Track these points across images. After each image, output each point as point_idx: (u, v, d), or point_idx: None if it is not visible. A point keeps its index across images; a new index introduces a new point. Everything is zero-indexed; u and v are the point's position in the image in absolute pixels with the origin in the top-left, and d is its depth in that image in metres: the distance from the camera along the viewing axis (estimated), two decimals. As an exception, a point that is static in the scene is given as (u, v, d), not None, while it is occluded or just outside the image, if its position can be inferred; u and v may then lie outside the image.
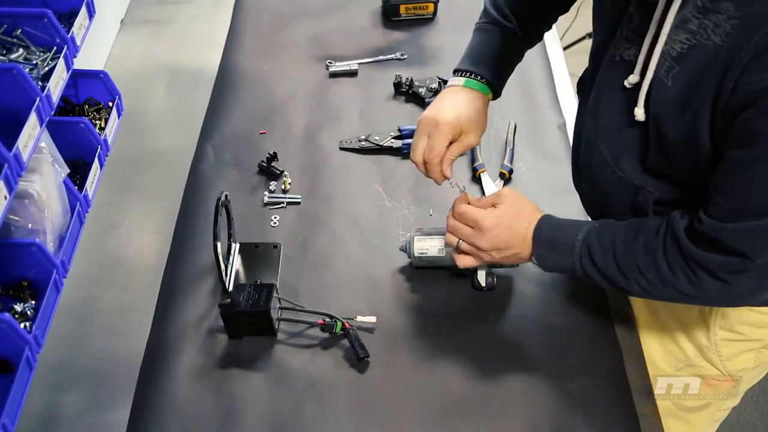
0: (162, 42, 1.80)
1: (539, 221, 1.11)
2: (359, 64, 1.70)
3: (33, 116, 0.97)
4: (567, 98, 1.63)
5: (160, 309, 1.26)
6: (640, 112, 0.98)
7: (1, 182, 0.88)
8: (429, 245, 1.26)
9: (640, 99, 0.97)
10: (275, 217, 1.40)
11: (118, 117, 1.31)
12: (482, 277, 1.24)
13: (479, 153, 1.47)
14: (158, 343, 1.22)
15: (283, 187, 1.44)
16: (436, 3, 1.80)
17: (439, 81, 1.61)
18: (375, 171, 1.48)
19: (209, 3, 1.92)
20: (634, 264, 1.02)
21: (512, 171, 1.45)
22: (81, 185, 1.17)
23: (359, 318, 1.22)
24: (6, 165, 0.90)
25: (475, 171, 1.45)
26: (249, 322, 1.19)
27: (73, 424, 1.14)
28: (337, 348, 1.20)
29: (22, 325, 0.98)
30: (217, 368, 1.18)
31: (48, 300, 1.01)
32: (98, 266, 1.34)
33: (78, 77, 1.29)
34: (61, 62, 1.08)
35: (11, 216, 1.02)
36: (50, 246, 1.05)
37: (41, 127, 1.00)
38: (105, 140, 1.23)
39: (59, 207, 1.09)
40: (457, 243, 1.16)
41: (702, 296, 1.02)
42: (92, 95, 1.31)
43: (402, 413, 1.13)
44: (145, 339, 1.22)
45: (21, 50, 1.09)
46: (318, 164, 1.49)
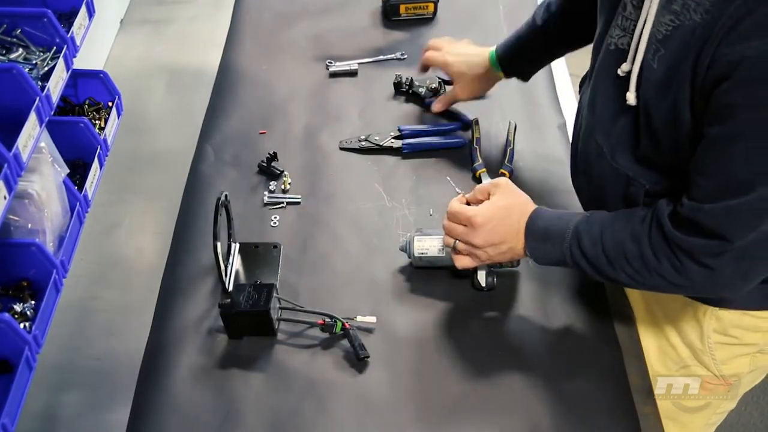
0: (162, 42, 1.80)
1: (531, 214, 1.12)
2: (359, 64, 1.69)
3: (33, 116, 0.97)
4: (567, 98, 1.63)
5: (160, 309, 1.26)
6: (632, 97, 0.98)
7: (1, 182, 0.88)
8: (429, 245, 1.26)
9: (632, 84, 0.98)
10: (275, 217, 1.40)
11: (118, 117, 1.31)
12: (482, 277, 1.24)
13: (479, 153, 1.47)
14: (158, 343, 1.22)
15: (283, 187, 1.44)
16: (436, 3, 1.79)
17: (439, 81, 1.61)
18: (375, 171, 1.48)
19: (209, 3, 1.91)
20: (622, 252, 1.02)
21: (512, 171, 1.45)
22: (81, 185, 1.17)
23: (359, 318, 1.22)
24: (6, 165, 0.90)
25: (475, 171, 1.44)
26: (249, 322, 1.19)
27: (73, 424, 1.14)
28: (337, 348, 1.20)
29: (22, 326, 0.98)
30: (217, 368, 1.18)
31: (48, 300, 1.01)
32: (98, 266, 1.34)
33: (78, 77, 1.29)
34: (61, 62, 1.08)
35: (11, 216, 1.02)
36: (50, 246, 1.05)
37: (41, 127, 1.00)
38: (105, 140, 1.23)
39: (59, 207, 1.09)
40: (454, 243, 1.16)
41: (687, 284, 1.02)
42: (92, 95, 1.32)
43: (402, 413, 1.13)
44: (145, 339, 1.22)
45: (21, 50, 1.09)
46: (318, 164, 1.49)
